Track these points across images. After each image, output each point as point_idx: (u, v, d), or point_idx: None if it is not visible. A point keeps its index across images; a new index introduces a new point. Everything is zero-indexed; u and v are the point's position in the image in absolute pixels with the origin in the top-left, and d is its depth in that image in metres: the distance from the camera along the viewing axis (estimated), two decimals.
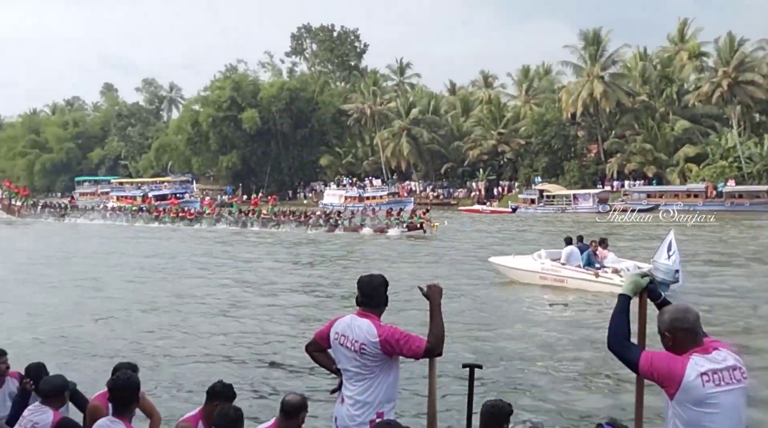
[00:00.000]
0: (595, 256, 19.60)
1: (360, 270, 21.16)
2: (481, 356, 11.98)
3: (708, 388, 3.54)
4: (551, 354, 12.82)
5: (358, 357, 4.65)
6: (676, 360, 3.63)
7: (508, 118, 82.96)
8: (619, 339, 3.83)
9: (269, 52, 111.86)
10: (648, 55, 79.02)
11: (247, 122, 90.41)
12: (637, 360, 3.72)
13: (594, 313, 16.73)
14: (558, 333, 14.75)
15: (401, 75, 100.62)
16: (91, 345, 13.64)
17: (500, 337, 14.23)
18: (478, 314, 16.82)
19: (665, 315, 3.79)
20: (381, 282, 4.81)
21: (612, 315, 3.91)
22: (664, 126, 71.67)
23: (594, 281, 18.82)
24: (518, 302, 18.61)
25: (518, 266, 21.18)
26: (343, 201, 74.79)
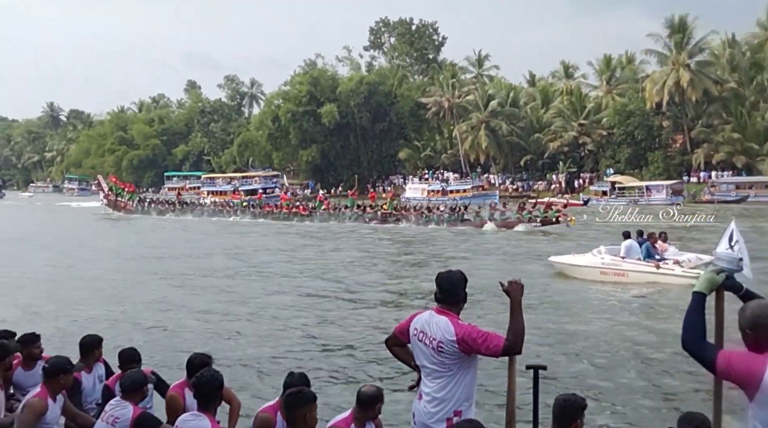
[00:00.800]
0: (654, 249, 19.85)
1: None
2: (547, 355, 11.74)
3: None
4: (618, 351, 12.55)
5: (435, 354, 4.62)
6: (756, 360, 3.46)
7: (590, 109, 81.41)
8: (694, 338, 3.67)
9: (348, 47, 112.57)
10: (737, 41, 76.31)
11: (326, 117, 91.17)
12: (713, 359, 3.56)
13: (661, 305, 16.68)
14: (625, 326, 14.56)
15: (479, 67, 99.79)
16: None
17: (566, 333, 13.97)
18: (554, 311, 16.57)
19: (747, 311, 3.61)
20: (460, 278, 4.76)
21: (686, 313, 3.76)
22: (755, 115, 69.15)
23: (655, 273, 19.08)
24: (585, 299, 18.37)
25: (579, 263, 21.49)
26: (426, 195, 74.52)
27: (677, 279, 18.77)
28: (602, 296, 18.48)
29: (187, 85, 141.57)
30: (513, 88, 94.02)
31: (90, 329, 11.02)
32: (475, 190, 75.15)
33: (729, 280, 3.92)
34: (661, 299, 17.56)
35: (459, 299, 4.72)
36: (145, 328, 14.82)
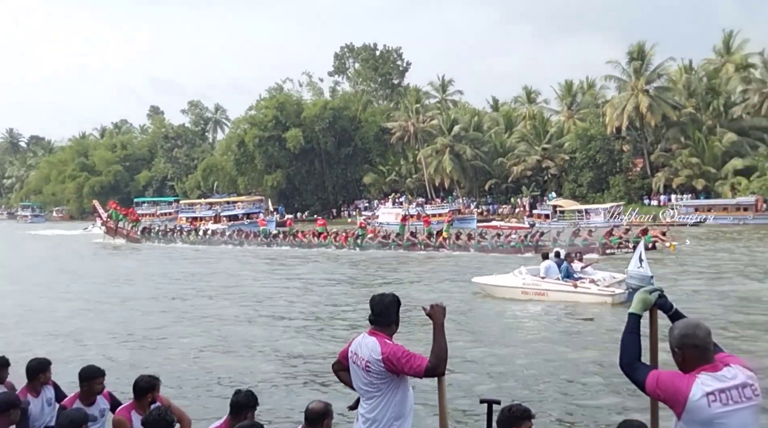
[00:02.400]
0: (572, 268, 21.07)
1: None
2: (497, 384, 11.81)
3: (714, 408, 3.45)
4: (554, 370, 12.77)
5: (365, 375, 4.77)
6: (682, 380, 3.56)
7: (552, 133, 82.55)
8: (629, 359, 3.79)
9: (308, 73, 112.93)
10: (693, 68, 78.23)
11: (291, 142, 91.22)
12: (644, 379, 3.68)
13: (581, 323, 17.58)
14: (558, 346, 14.95)
15: (443, 92, 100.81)
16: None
17: (498, 356, 14.02)
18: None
19: (675, 331, 3.73)
20: (391, 302, 4.89)
21: (623, 335, 3.88)
22: (712, 139, 70.70)
23: (573, 292, 20.12)
24: (512, 321, 18.74)
25: (501, 283, 22.17)
26: (401, 220, 74.11)
27: (593, 297, 19.78)
28: (526, 316, 19.16)
29: (150, 111, 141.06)
30: (477, 112, 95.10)
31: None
32: (453, 214, 74.85)
33: (661, 299, 3.98)
34: (580, 317, 18.30)
35: (390, 322, 4.83)
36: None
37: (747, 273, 26.19)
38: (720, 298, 20.36)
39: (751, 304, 19.31)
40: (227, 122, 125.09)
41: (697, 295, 20.99)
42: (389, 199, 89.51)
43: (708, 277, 25.33)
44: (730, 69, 74.44)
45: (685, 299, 19.42)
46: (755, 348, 13.79)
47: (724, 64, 75.82)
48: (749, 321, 16.74)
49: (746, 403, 3.52)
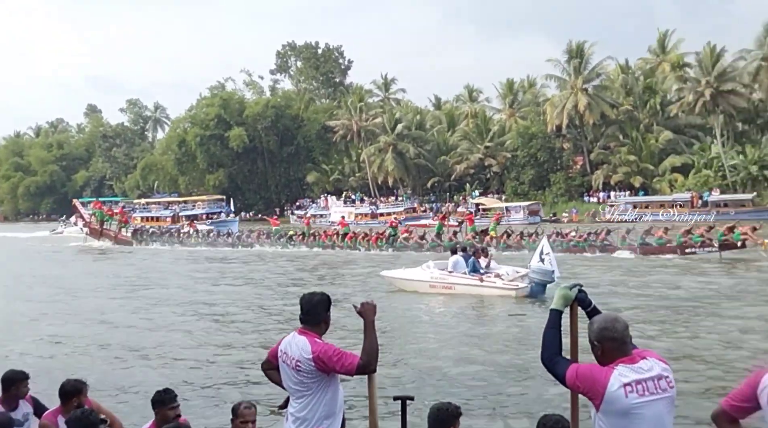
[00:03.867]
0: (478, 263, 21.68)
1: None
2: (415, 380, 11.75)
3: (631, 399, 3.55)
4: (467, 364, 12.86)
5: (295, 374, 4.76)
6: (600, 372, 3.65)
7: (494, 131, 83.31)
8: (550, 354, 3.87)
9: (247, 71, 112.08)
10: (630, 67, 79.81)
11: (234, 141, 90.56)
12: (564, 373, 3.77)
13: (488, 315, 18.39)
14: (460, 336, 15.27)
15: (386, 90, 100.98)
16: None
17: (413, 352, 13.99)
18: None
19: (594, 325, 3.81)
20: (320, 300, 4.89)
21: (544, 331, 3.94)
22: (649, 137, 72.24)
23: (479, 286, 20.95)
24: (424, 315, 18.97)
25: (409, 277, 22.66)
26: (354, 218, 73.77)
27: (498, 291, 20.63)
28: (434, 309, 19.53)
29: (87, 109, 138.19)
30: (419, 111, 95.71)
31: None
32: (407, 212, 74.90)
33: (581, 294, 4.04)
34: (486, 310, 18.99)
35: (320, 320, 4.83)
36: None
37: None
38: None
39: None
40: (167, 120, 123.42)
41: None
42: (327, 198, 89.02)
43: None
44: (665, 68, 76.19)
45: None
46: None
47: (660, 64, 77.59)
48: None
49: (661, 394, 3.62)
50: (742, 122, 74.04)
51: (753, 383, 3.54)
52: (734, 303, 18.27)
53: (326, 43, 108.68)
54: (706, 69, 68.41)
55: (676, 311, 17.42)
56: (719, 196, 63.90)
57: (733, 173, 66.51)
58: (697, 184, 66.52)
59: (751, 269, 26.23)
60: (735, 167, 66.63)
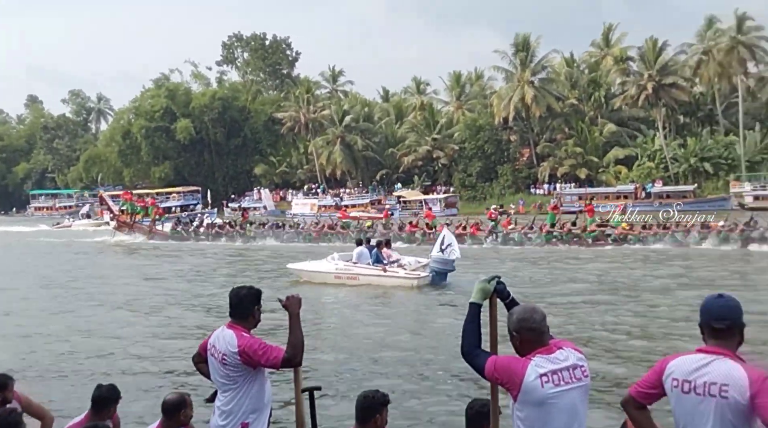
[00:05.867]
0: (381, 254, 22.54)
1: None
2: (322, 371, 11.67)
3: (547, 389, 3.63)
4: (380, 356, 12.92)
5: (221, 367, 4.78)
6: (518, 362, 3.72)
7: (442, 124, 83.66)
8: (469, 347, 3.92)
9: (193, 62, 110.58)
10: (575, 60, 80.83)
11: (181, 133, 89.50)
12: (483, 365, 3.83)
13: (392, 304, 18.90)
14: (365, 325, 15.62)
15: (334, 82, 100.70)
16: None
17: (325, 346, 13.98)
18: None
19: (513, 316, 3.88)
20: (247, 294, 4.89)
21: (464, 324, 3.99)
22: (594, 129, 73.32)
23: (383, 276, 21.71)
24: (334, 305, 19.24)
25: (315, 269, 23.26)
26: (316, 210, 73.07)
27: (401, 281, 21.47)
28: (339, 299, 19.88)
29: (27, 100, 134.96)
30: (367, 103, 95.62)
31: None
32: (373, 204, 74.22)
33: (499, 286, 4.08)
34: (389, 299, 19.62)
35: (248, 315, 4.84)
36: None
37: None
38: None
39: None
40: (111, 112, 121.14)
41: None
42: (261, 191, 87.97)
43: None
44: (609, 62, 77.29)
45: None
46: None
47: (604, 57, 78.72)
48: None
49: (576, 383, 3.71)
50: (683, 115, 75.69)
51: (659, 370, 3.67)
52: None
53: (274, 34, 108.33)
54: (648, 63, 69.65)
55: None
56: (662, 187, 65.27)
57: (674, 165, 67.98)
58: (640, 176, 67.83)
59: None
60: (676, 159, 68.10)
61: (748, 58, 68.52)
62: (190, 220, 51.14)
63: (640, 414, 3.77)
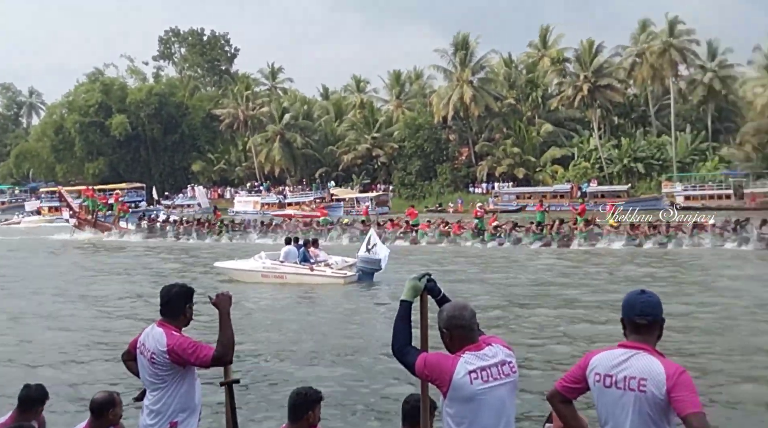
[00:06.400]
0: (309, 253, 22.71)
1: None
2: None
3: (476, 385, 3.67)
4: (307, 348, 13.08)
5: (150, 366, 4.70)
6: (447, 359, 3.75)
7: (381, 122, 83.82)
8: (400, 345, 3.92)
9: (129, 56, 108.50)
10: (513, 60, 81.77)
11: (116, 128, 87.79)
12: (414, 362, 3.83)
13: (319, 303, 18.94)
14: (292, 323, 15.65)
15: (273, 79, 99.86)
16: None
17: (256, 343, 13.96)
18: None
19: (444, 313, 3.90)
20: (178, 293, 4.84)
21: (394, 322, 3.99)
22: (531, 129, 74.35)
23: (310, 275, 21.83)
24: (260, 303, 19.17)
25: (242, 267, 23.16)
26: (260, 208, 72.11)
27: (328, 279, 21.64)
28: (266, 298, 19.80)
29: None
30: (307, 101, 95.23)
31: None
32: (317, 201, 73.01)
33: (430, 283, 4.08)
34: (316, 297, 19.70)
35: (179, 313, 4.78)
36: None
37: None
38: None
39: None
40: (43, 106, 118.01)
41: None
42: (195, 188, 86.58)
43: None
44: (546, 63, 78.42)
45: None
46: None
47: (542, 58, 79.79)
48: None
49: (504, 379, 3.76)
50: (617, 116, 77.37)
51: (583, 365, 3.74)
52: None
53: (212, 30, 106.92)
54: (584, 64, 70.94)
55: None
56: (597, 187, 66.50)
57: (609, 165, 69.40)
58: (576, 175, 69.04)
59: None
60: (611, 160, 69.54)
61: (679, 61, 70.46)
62: (156, 216, 49.86)
63: (565, 408, 3.85)
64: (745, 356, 11.67)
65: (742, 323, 14.28)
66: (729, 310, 15.74)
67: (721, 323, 14.41)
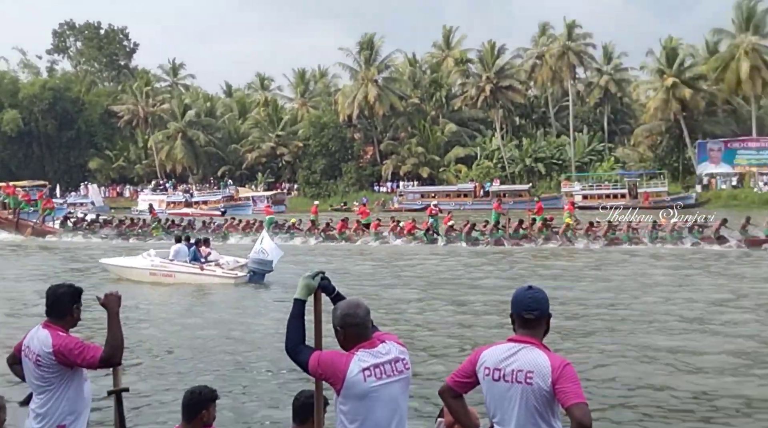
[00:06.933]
0: (200, 253, 22.35)
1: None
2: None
3: (369, 382, 3.73)
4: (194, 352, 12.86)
5: (36, 369, 4.60)
6: (341, 357, 3.81)
7: (286, 120, 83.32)
8: (293, 344, 3.92)
9: (21, 49, 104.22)
10: (418, 60, 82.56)
11: (7, 124, 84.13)
12: (307, 361, 3.86)
13: (209, 303, 18.81)
14: (181, 325, 15.42)
15: (174, 76, 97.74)
16: None
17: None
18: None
19: (338, 311, 3.94)
20: (65, 292, 4.73)
21: (288, 321, 3.99)
22: (435, 129, 75.19)
23: (200, 274, 21.59)
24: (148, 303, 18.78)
25: (130, 265, 22.77)
26: (165, 207, 69.83)
27: (219, 279, 21.43)
28: (154, 297, 19.65)
29: None
30: (210, 98, 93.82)
31: None
32: (226, 200, 71.67)
33: (324, 281, 4.11)
34: (206, 298, 19.57)
35: (65, 314, 4.69)
36: None
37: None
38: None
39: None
40: None
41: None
42: (88, 186, 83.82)
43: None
44: (450, 63, 79.48)
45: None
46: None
47: (445, 59, 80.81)
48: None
49: (397, 376, 3.83)
50: (519, 117, 79.16)
51: (473, 360, 3.87)
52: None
53: (109, 23, 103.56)
54: (486, 65, 72.23)
55: None
56: (499, 186, 67.73)
57: (511, 164, 70.90)
58: (479, 175, 70.15)
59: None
60: (513, 159, 71.05)
61: (576, 63, 72.73)
62: (84, 215, 46.39)
63: (456, 403, 3.97)
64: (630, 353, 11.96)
65: (640, 323, 14.55)
66: (631, 308, 16.11)
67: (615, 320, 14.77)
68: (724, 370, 10.69)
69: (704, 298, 17.02)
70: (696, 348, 12.06)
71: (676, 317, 14.75)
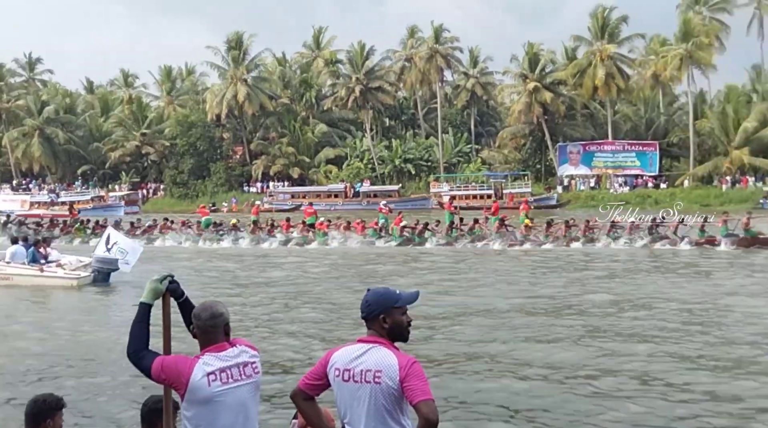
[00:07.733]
0: (39, 253, 21.34)
1: None
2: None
3: (214, 387, 3.73)
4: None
5: None
6: (185, 362, 3.79)
7: (152, 119, 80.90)
8: (135, 349, 3.88)
9: None
10: (288, 60, 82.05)
11: None
12: (150, 366, 3.81)
13: (50, 305, 18.43)
14: (22, 330, 14.76)
15: (31, 71, 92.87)
16: None
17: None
18: None
19: (194, 313, 3.94)
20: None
21: (132, 325, 3.93)
22: (306, 129, 74.95)
23: (40, 276, 20.47)
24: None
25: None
26: (28, 207, 65.61)
27: (60, 281, 20.48)
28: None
29: None
30: (70, 94, 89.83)
31: None
32: (96, 201, 68.50)
33: (172, 285, 4.08)
34: (48, 300, 19.02)
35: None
36: None
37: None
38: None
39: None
40: None
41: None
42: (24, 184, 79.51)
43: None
44: (320, 63, 79.44)
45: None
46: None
47: (315, 59, 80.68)
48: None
49: (246, 380, 3.83)
50: (389, 118, 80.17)
51: (324, 362, 3.86)
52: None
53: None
54: (356, 66, 72.69)
55: None
56: (369, 187, 68.29)
57: (381, 165, 71.61)
58: (349, 175, 70.47)
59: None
60: (383, 160, 71.79)
61: (444, 66, 74.36)
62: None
63: (308, 406, 3.93)
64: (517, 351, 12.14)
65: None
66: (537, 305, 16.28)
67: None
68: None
69: (601, 300, 16.89)
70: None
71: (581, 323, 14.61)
